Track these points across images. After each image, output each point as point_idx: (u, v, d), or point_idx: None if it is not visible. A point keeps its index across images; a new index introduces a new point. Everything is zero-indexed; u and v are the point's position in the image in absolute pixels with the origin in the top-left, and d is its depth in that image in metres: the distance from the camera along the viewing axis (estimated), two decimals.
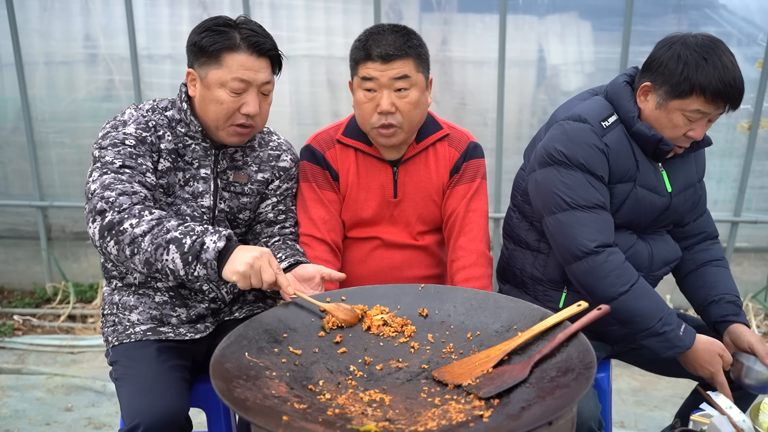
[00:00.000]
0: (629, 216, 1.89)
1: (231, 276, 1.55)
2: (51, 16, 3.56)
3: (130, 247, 1.59)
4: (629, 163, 1.84)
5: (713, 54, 1.69)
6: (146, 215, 1.61)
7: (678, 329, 1.78)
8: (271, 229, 1.98)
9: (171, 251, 1.57)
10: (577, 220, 1.80)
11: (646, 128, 1.80)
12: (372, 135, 1.96)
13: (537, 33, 3.47)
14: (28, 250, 3.98)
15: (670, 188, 1.90)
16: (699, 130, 1.78)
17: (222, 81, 1.74)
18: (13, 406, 2.95)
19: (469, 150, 2.04)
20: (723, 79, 1.68)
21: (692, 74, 1.69)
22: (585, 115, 1.83)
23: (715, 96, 1.70)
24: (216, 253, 1.56)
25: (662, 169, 1.90)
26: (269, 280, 1.55)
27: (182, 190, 1.84)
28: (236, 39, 1.73)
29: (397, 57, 1.84)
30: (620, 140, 1.83)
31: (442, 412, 1.26)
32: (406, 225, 2.07)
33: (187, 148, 1.84)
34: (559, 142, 1.83)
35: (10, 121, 3.72)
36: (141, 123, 1.78)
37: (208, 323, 1.93)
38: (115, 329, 1.88)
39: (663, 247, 1.97)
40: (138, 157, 1.73)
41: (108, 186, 1.65)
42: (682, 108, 1.74)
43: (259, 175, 1.95)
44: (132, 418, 1.60)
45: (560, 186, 1.82)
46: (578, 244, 1.80)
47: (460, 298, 1.61)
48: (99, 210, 1.62)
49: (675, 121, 1.77)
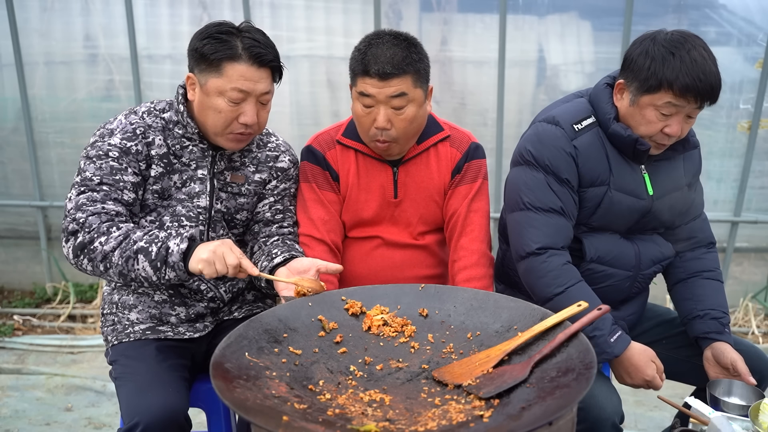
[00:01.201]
0: (606, 219, 1.90)
1: (196, 266, 1.63)
2: (51, 16, 3.56)
3: (102, 263, 1.69)
4: (601, 167, 1.84)
5: (681, 48, 1.69)
6: (114, 231, 1.70)
7: (609, 335, 1.78)
8: (269, 228, 1.98)
9: (140, 260, 1.67)
10: (528, 220, 1.86)
11: (621, 129, 1.80)
12: (370, 145, 1.97)
13: (537, 33, 3.47)
14: (28, 250, 3.98)
15: (651, 191, 1.88)
16: (675, 126, 1.75)
17: (221, 90, 1.74)
18: (13, 406, 2.95)
19: (470, 150, 2.04)
20: (690, 73, 1.67)
21: (659, 69, 1.70)
22: (559, 118, 1.86)
23: (683, 90, 1.68)
24: (180, 255, 1.65)
25: (644, 172, 1.89)
26: (233, 263, 1.62)
27: (179, 192, 1.84)
28: (237, 49, 1.72)
29: (395, 75, 1.81)
30: (593, 143, 1.84)
31: (443, 412, 1.26)
32: (407, 225, 2.07)
33: (184, 149, 1.84)
34: (530, 142, 1.87)
35: (10, 121, 3.72)
36: (127, 132, 1.79)
37: (207, 322, 1.93)
38: (115, 328, 1.88)
39: (651, 247, 1.96)
40: (118, 173, 1.76)
41: (80, 207, 1.72)
42: (652, 103, 1.74)
43: (257, 176, 1.95)
44: (131, 416, 1.61)
45: (522, 186, 1.88)
46: (523, 244, 1.86)
47: (460, 298, 1.61)
48: (71, 231, 1.72)
49: (648, 117, 1.76)
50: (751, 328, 3.60)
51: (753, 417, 1.56)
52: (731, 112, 3.48)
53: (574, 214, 1.88)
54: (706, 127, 3.52)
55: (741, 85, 3.45)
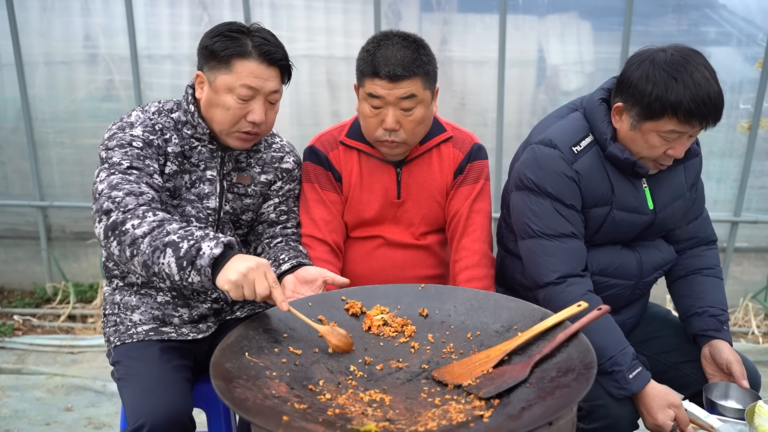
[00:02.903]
0: (610, 236, 1.87)
1: (223, 285, 1.47)
2: (51, 16, 3.56)
3: (130, 248, 1.55)
4: (603, 188, 1.81)
5: (683, 71, 1.62)
6: (149, 216, 1.57)
7: (628, 372, 1.71)
8: (273, 229, 1.98)
9: (167, 255, 1.51)
10: (542, 249, 1.81)
11: (619, 151, 1.75)
12: (376, 146, 1.97)
13: (537, 33, 3.47)
14: (28, 250, 3.98)
15: (651, 205, 1.86)
16: (678, 148, 1.71)
17: (230, 86, 1.73)
18: (13, 406, 2.95)
19: (473, 151, 2.04)
20: (696, 98, 1.60)
21: (662, 95, 1.62)
22: (556, 140, 1.79)
23: (688, 116, 1.63)
24: (211, 259, 1.48)
25: (645, 186, 1.85)
26: (263, 294, 1.46)
27: (188, 192, 1.84)
28: (248, 46, 1.73)
29: (405, 77, 1.81)
30: (593, 165, 1.79)
31: (443, 412, 1.26)
32: (409, 225, 2.07)
33: (193, 150, 1.84)
34: (529, 168, 1.81)
35: (10, 121, 3.72)
36: (148, 125, 1.78)
37: (210, 323, 1.93)
38: (117, 329, 1.88)
39: (653, 253, 1.93)
40: (145, 159, 1.72)
41: (115, 186, 1.63)
42: (656, 129, 1.68)
43: (263, 177, 1.95)
44: (136, 418, 1.60)
45: (529, 213, 1.82)
46: (541, 274, 1.81)
47: (460, 298, 1.61)
48: (105, 210, 1.60)
49: (651, 142, 1.71)
50: (751, 328, 3.60)
51: (749, 420, 1.56)
52: (731, 112, 3.47)
53: (583, 234, 1.84)
54: None
55: (741, 85, 3.45)
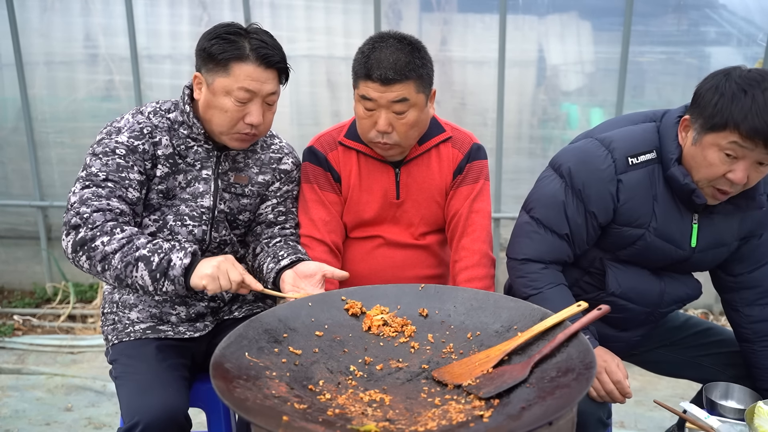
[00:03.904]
0: (637, 257, 1.80)
1: (200, 281, 1.64)
2: (51, 16, 3.57)
3: (101, 263, 1.66)
4: (644, 209, 1.71)
5: (756, 87, 1.51)
6: (117, 233, 1.68)
7: None
8: (271, 230, 1.99)
9: (140, 268, 1.65)
10: (528, 231, 1.84)
11: (680, 174, 1.64)
12: (370, 145, 1.97)
13: (537, 33, 3.47)
14: (28, 250, 3.98)
15: (695, 243, 1.74)
16: (740, 172, 1.56)
17: (228, 89, 1.74)
18: (13, 406, 2.95)
19: (472, 151, 2.04)
20: (762, 114, 1.49)
21: (726, 105, 1.52)
22: (615, 144, 1.71)
23: (751, 132, 1.50)
24: (183, 269, 1.64)
25: (695, 222, 1.73)
26: (237, 279, 1.64)
27: (183, 192, 1.85)
28: (245, 49, 1.73)
29: (397, 81, 1.80)
30: (642, 182, 1.70)
31: (442, 412, 1.26)
32: (409, 225, 2.07)
33: (189, 150, 1.84)
34: (574, 158, 1.76)
35: (10, 121, 3.72)
36: (135, 131, 1.79)
37: (207, 322, 1.93)
38: (115, 327, 1.88)
39: (679, 287, 1.85)
40: (124, 170, 1.75)
41: (85, 201, 1.70)
42: (716, 143, 1.56)
43: (260, 177, 1.95)
44: (131, 416, 1.61)
45: (542, 196, 1.82)
46: (513, 250, 1.87)
47: (460, 298, 1.61)
48: (73, 225, 1.69)
49: (710, 158, 1.58)
50: None
51: (748, 420, 1.56)
52: None
53: (582, 244, 1.80)
54: None
55: None
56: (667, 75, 3.51)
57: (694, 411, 1.68)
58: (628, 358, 2.10)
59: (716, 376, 1.93)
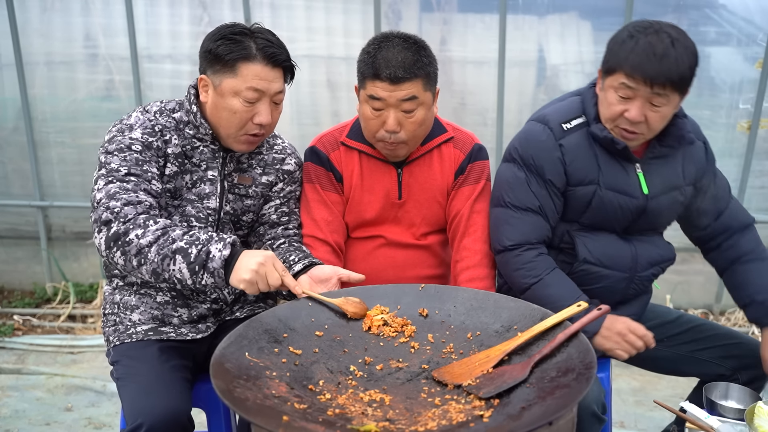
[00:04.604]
0: (598, 217, 1.89)
1: (238, 284, 1.59)
2: (51, 16, 3.56)
3: (137, 257, 1.61)
4: (589, 166, 1.85)
5: (641, 33, 1.69)
6: (151, 225, 1.62)
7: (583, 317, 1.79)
8: (275, 230, 1.98)
9: (178, 261, 1.59)
10: (505, 217, 1.91)
11: (599, 129, 1.81)
12: (377, 146, 1.97)
13: (537, 33, 3.47)
14: (28, 250, 3.98)
15: (647, 190, 1.86)
16: (634, 110, 1.72)
17: (236, 90, 1.74)
18: (13, 406, 2.95)
19: (474, 152, 2.05)
20: (641, 53, 1.66)
21: (616, 50, 1.73)
22: (549, 117, 1.88)
23: (633, 70, 1.68)
24: (222, 261, 1.58)
25: (639, 171, 1.87)
26: (275, 284, 1.59)
27: (189, 192, 1.84)
28: (252, 49, 1.73)
29: (406, 79, 1.82)
30: (580, 143, 1.84)
31: (443, 412, 1.26)
32: (410, 225, 2.07)
33: (195, 150, 1.84)
34: (518, 140, 1.92)
35: (10, 121, 3.72)
36: (147, 127, 1.77)
37: (209, 323, 1.93)
38: (117, 329, 1.88)
39: (649, 248, 1.94)
40: (144, 164, 1.73)
41: (113, 195, 1.66)
42: (612, 85, 1.74)
43: (264, 178, 1.95)
44: (135, 418, 1.60)
45: (504, 184, 1.93)
46: (499, 240, 1.92)
47: (460, 298, 1.61)
48: (104, 220, 1.64)
49: (609, 99, 1.76)
50: (751, 327, 3.60)
51: (748, 420, 1.56)
52: (731, 112, 3.48)
53: (553, 215, 1.90)
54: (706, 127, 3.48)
55: (741, 85, 3.45)
56: None
57: (694, 411, 1.68)
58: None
59: (715, 370, 1.96)
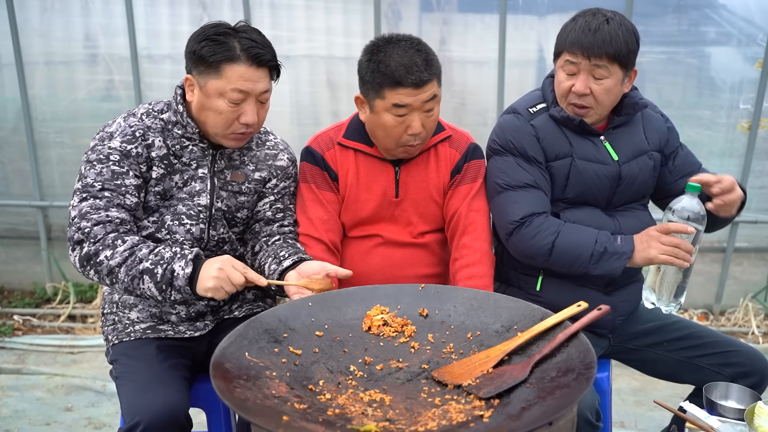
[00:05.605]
0: (579, 189, 1.96)
1: (206, 293, 1.67)
2: (51, 16, 3.56)
3: (108, 277, 1.71)
4: (561, 141, 1.95)
5: (582, 15, 1.86)
6: (119, 245, 1.70)
7: (614, 241, 1.86)
8: (270, 227, 1.99)
9: (146, 281, 1.68)
10: (508, 199, 1.95)
11: (556, 112, 1.94)
12: (396, 152, 1.97)
13: (537, 33, 3.47)
14: (28, 250, 3.98)
15: (616, 156, 1.96)
16: (579, 83, 1.86)
17: (221, 91, 1.74)
18: (13, 406, 2.95)
19: (469, 151, 2.06)
20: (579, 30, 1.82)
21: (561, 32, 1.89)
22: (515, 106, 2.02)
23: (572, 45, 1.83)
24: (186, 279, 1.67)
25: (604, 141, 1.97)
26: (239, 282, 1.65)
27: (180, 191, 1.85)
28: (236, 50, 1.73)
29: (429, 80, 1.85)
30: (547, 123, 1.96)
31: (443, 412, 1.26)
32: (407, 224, 2.07)
33: (184, 149, 1.84)
34: (494, 134, 2.03)
35: (10, 121, 3.72)
36: (127, 134, 1.79)
37: (207, 321, 1.93)
38: (115, 328, 1.89)
39: (633, 222, 1.98)
40: (119, 177, 1.76)
41: (84, 215, 1.73)
42: (560, 65, 1.89)
43: (257, 174, 1.95)
44: (132, 416, 1.61)
45: (496, 172, 1.99)
46: (507, 221, 1.94)
47: (460, 298, 1.61)
48: (77, 240, 1.72)
49: (559, 78, 1.91)
50: (751, 328, 3.60)
51: (748, 420, 1.56)
52: (731, 112, 3.48)
53: (547, 188, 1.96)
54: (706, 127, 3.52)
55: (741, 85, 3.45)
56: (667, 75, 3.50)
57: (694, 411, 1.68)
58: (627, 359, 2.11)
59: (714, 378, 1.94)
